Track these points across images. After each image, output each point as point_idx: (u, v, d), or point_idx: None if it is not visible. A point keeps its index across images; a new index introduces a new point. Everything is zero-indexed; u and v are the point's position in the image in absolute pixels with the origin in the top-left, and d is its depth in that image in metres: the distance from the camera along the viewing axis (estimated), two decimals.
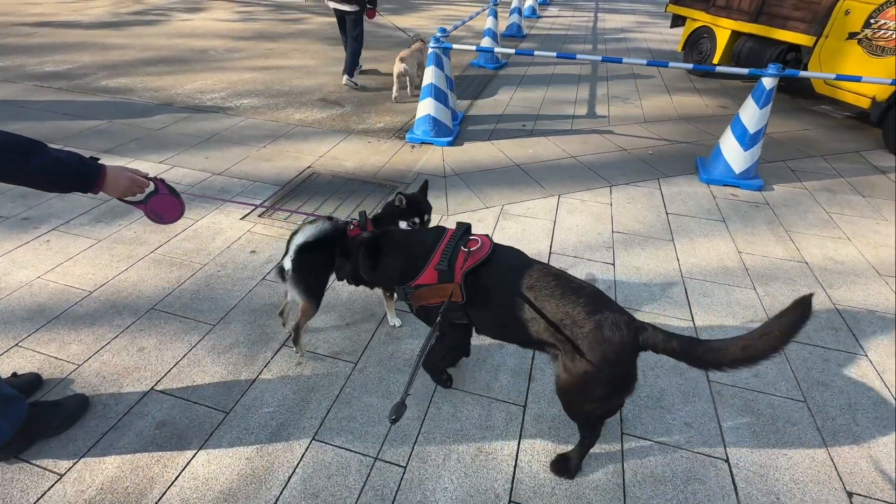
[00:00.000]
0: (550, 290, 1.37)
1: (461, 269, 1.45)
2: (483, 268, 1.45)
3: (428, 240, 1.57)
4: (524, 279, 1.41)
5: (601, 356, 1.28)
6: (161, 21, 8.90)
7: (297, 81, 5.78)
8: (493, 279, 1.46)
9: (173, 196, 1.50)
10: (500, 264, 1.47)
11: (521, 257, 1.53)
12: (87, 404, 1.78)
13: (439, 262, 1.48)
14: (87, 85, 5.29)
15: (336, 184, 3.46)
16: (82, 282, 2.40)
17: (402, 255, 1.59)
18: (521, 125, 4.72)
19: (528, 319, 1.40)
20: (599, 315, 1.30)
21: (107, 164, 1.32)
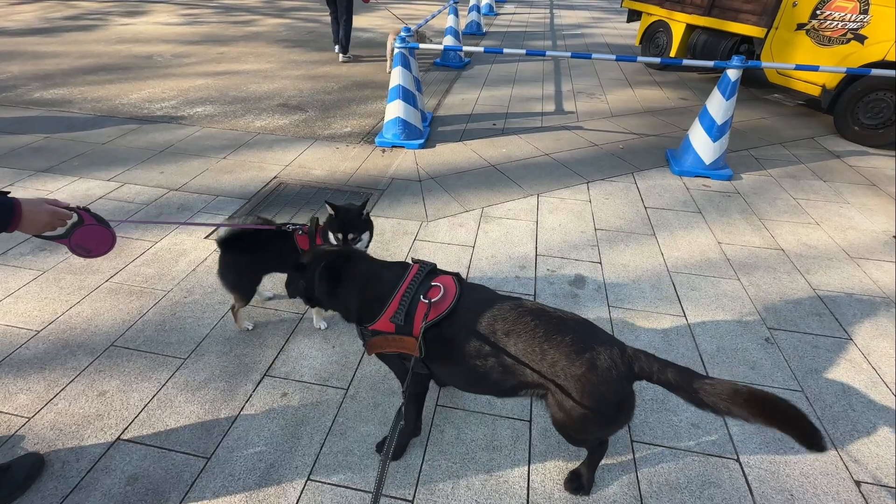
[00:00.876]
0: (530, 332, 1.23)
1: (421, 322, 1.28)
2: (447, 319, 1.28)
3: (387, 279, 1.39)
4: (498, 324, 1.26)
5: (599, 398, 1.19)
6: (98, 26, 8.30)
7: (253, 86, 5.50)
8: (460, 330, 1.28)
9: (101, 225, 1.29)
10: (469, 312, 1.30)
11: (491, 299, 1.35)
12: (42, 464, 1.56)
13: (395, 314, 1.31)
14: (19, 97, 4.83)
15: (306, 194, 3.28)
16: (27, 320, 2.14)
17: (358, 290, 1.41)
18: (491, 124, 4.66)
19: (507, 369, 1.26)
20: (590, 353, 1.19)
21: (19, 196, 1.12)
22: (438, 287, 1.33)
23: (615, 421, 1.28)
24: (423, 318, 1.27)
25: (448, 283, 1.35)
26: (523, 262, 2.66)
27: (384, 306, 1.33)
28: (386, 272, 1.43)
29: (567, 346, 1.19)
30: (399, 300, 1.32)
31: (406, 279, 1.36)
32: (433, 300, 1.29)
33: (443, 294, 1.31)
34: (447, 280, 1.36)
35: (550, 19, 11.42)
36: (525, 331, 1.23)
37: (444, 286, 1.33)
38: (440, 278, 1.38)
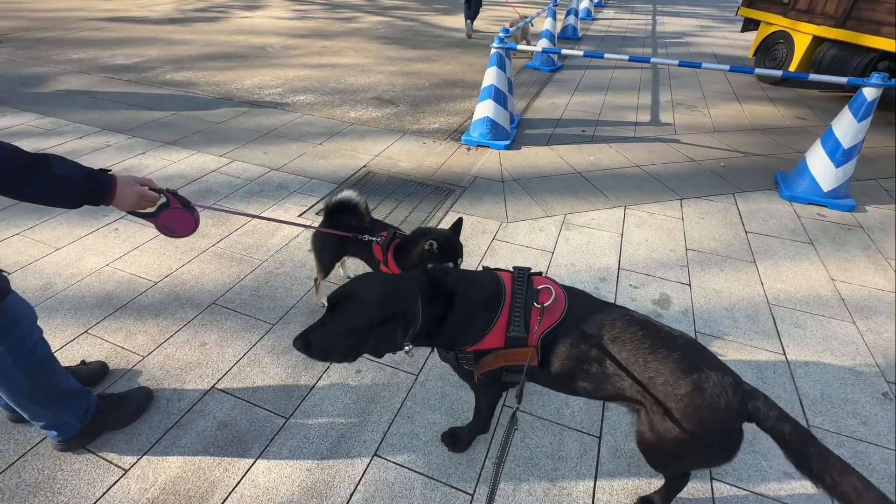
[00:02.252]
0: (637, 342, 1.15)
1: (537, 332, 1.20)
2: (561, 325, 1.21)
3: (487, 288, 1.27)
4: (606, 330, 1.19)
5: (700, 423, 1.08)
6: (222, 18, 9.20)
7: (351, 79, 5.80)
8: (570, 335, 1.22)
9: (186, 210, 1.37)
10: (578, 317, 1.23)
11: (598, 305, 1.28)
12: (151, 398, 1.77)
13: (510, 326, 1.21)
14: (154, 78, 5.49)
15: (392, 184, 3.40)
16: (148, 272, 2.43)
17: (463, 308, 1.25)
18: (580, 130, 4.53)
19: (607, 377, 1.19)
20: (697, 374, 1.09)
21: (118, 175, 1.24)
22: (548, 290, 1.24)
23: (712, 455, 1.17)
24: (538, 326, 1.20)
25: (555, 288, 1.27)
26: (604, 275, 2.56)
27: (491, 320, 1.23)
28: (482, 278, 1.31)
29: (673, 363, 1.11)
30: (509, 309, 1.23)
31: (506, 284, 1.27)
32: (545, 304, 1.21)
33: (554, 298, 1.23)
34: (552, 285, 1.28)
35: (652, 26, 10.85)
36: (631, 340, 1.16)
37: (553, 290, 1.25)
38: (540, 281, 1.30)
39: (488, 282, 1.30)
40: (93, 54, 6.24)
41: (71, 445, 1.57)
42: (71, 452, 1.58)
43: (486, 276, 1.33)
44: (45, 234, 2.65)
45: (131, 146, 3.77)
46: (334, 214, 1.97)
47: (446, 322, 1.23)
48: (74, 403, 1.53)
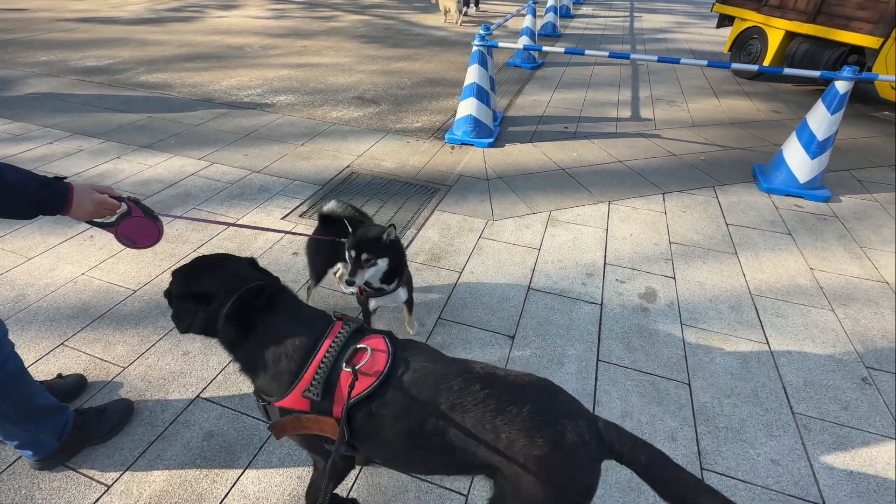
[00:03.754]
0: (481, 404, 0.99)
1: (344, 400, 1.01)
2: (378, 392, 1.03)
3: (303, 339, 1.08)
4: (442, 396, 1.02)
5: (561, 484, 0.98)
6: (197, 18, 9.00)
7: (332, 79, 5.73)
8: (393, 405, 1.03)
9: (149, 219, 1.28)
10: (405, 381, 1.04)
11: (431, 363, 1.09)
12: (132, 410, 1.71)
13: (308, 387, 1.03)
14: (127, 80, 5.34)
15: (377, 184, 3.37)
16: (126, 280, 2.35)
17: (268, 350, 1.07)
18: (563, 127, 4.56)
19: (453, 450, 1.01)
20: (552, 427, 0.96)
21: (75, 183, 1.16)
22: (365, 350, 1.07)
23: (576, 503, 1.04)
24: (347, 393, 1.01)
25: (378, 344, 1.09)
26: (591, 270, 2.58)
27: (297, 376, 1.04)
28: (305, 328, 1.11)
29: (526, 421, 0.97)
30: (315, 369, 1.04)
31: (326, 340, 1.08)
32: (358, 367, 1.04)
33: (371, 359, 1.05)
34: (377, 341, 1.10)
35: (630, 23, 10.99)
36: (474, 403, 1.00)
37: (373, 350, 1.07)
38: (368, 339, 1.11)
39: (311, 325, 1.12)
40: (62, 56, 6.05)
41: (48, 464, 1.51)
42: (49, 471, 1.52)
43: (313, 318, 1.14)
44: (16, 244, 2.56)
45: (105, 150, 3.66)
46: (329, 221, 1.93)
47: (241, 349, 1.10)
48: (49, 420, 1.47)
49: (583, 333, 2.16)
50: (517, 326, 2.18)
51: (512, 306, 2.30)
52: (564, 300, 2.36)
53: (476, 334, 2.13)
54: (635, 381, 1.94)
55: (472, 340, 2.10)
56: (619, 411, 1.81)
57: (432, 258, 2.62)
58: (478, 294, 2.37)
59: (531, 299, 2.35)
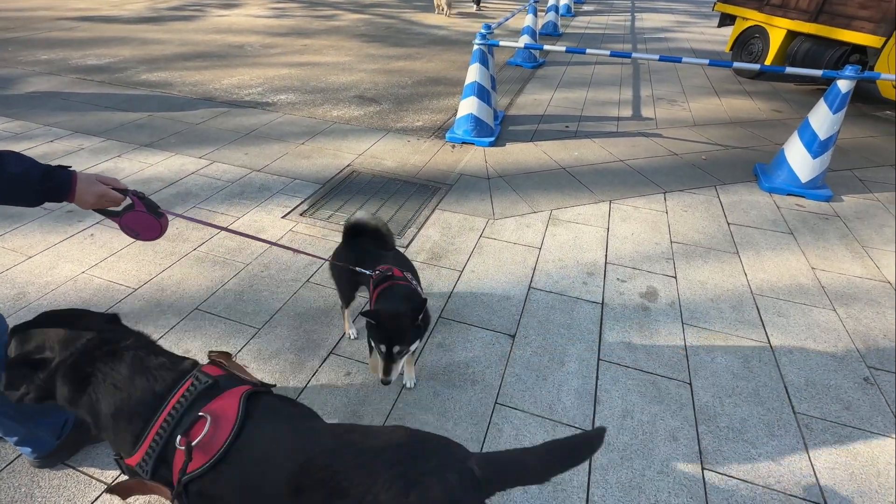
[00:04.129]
0: (330, 483, 0.89)
1: (177, 474, 0.93)
2: (215, 469, 0.93)
3: (146, 398, 1.01)
4: (285, 474, 0.91)
5: None
6: (198, 17, 9.00)
7: (332, 78, 5.72)
8: (229, 485, 0.93)
9: (151, 214, 1.29)
10: (244, 459, 0.94)
11: (284, 434, 0.99)
12: None
13: (140, 463, 0.97)
14: (128, 78, 5.33)
15: (377, 183, 3.36)
16: (126, 278, 2.35)
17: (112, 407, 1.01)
18: (564, 126, 4.55)
19: None
20: (417, 491, 0.86)
21: (80, 172, 1.18)
22: (204, 420, 0.96)
23: None
24: (180, 470, 0.93)
25: (226, 409, 0.98)
26: (591, 269, 2.57)
27: (139, 439, 0.98)
28: (152, 383, 1.02)
29: (385, 490, 0.87)
30: (148, 444, 0.97)
31: (169, 403, 0.99)
32: (194, 443, 0.94)
33: (210, 431, 0.95)
34: (226, 405, 0.99)
35: (631, 22, 10.97)
36: (321, 481, 0.90)
37: (216, 416, 0.96)
38: (219, 401, 0.99)
39: (157, 383, 1.03)
40: (63, 55, 6.04)
41: (48, 462, 1.51)
42: (49, 469, 1.52)
43: (162, 373, 1.05)
44: (16, 242, 2.55)
45: (106, 149, 3.66)
46: (353, 235, 1.80)
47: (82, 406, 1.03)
48: (50, 419, 1.46)
49: (584, 333, 2.16)
50: (518, 325, 2.18)
51: (513, 305, 2.30)
52: (565, 299, 2.35)
53: (477, 333, 2.13)
54: (636, 380, 1.93)
55: (473, 339, 2.09)
56: (620, 410, 1.80)
57: (433, 257, 2.62)
58: (478, 293, 2.37)
59: (532, 298, 2.35)
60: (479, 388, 1.87)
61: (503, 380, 1.91)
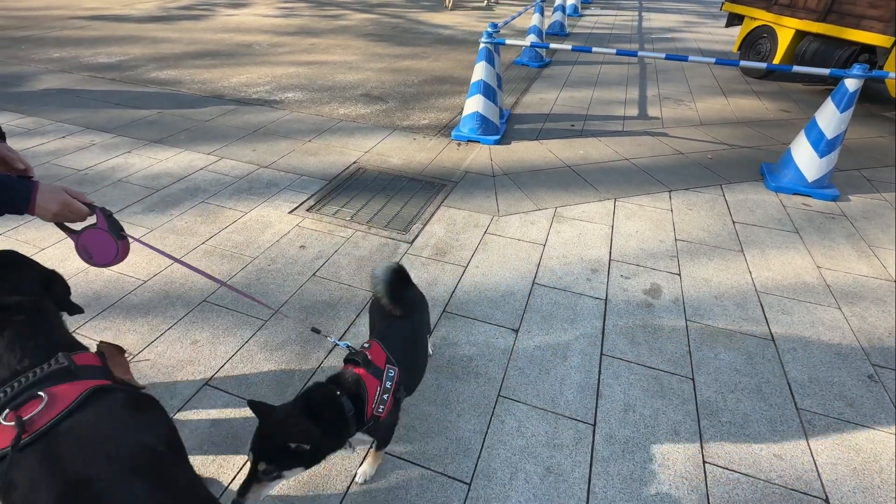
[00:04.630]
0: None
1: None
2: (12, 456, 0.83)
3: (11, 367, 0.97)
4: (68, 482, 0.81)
5: None
6: (207, 16, 9.08)
7: (339, 76, 5.76)
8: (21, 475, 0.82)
9: (111, 235, 1.21)
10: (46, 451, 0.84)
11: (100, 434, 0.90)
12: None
13: None
14: (138, 76, 5.40)
15: (383, 180, 3.39)
16: (136, 270, 2.39)
17: None
18: (569, 125, 4.55)
19: None
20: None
21: (42, 183, 1.11)
22: (40, 399, 0.89)
23: None
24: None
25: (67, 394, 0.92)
26: (595, 266, 2.58)
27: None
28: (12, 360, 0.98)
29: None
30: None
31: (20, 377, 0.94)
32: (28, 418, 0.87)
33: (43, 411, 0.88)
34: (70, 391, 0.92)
35: (638, 22, 10.94)
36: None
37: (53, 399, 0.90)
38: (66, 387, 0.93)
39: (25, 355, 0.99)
40: (74, 53, 6.12)
41: None
42: None
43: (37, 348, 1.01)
44: (29, 235, 2.60)
45: (117, 145, 3.71)
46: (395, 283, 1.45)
47: None
48: None
49: (587, 328, 2.17)
50: (521, 320, 2.19)
51: (516, 301, 2.31)
52: (569, 295, 2.36)
53: (480, 327, 2.15)
54: (639, 375, 1.94)
55: (477, 333, 2.11)
56: (623, 405, 1.81)
57: (437, 253, 2.64)
58: (483, 288, 2.39)
59: (536, 294, 2.36)
60: (482, 380, 1.89)
61: (506, 373, 1.93)
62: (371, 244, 2.68)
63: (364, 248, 2.64)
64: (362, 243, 2.68)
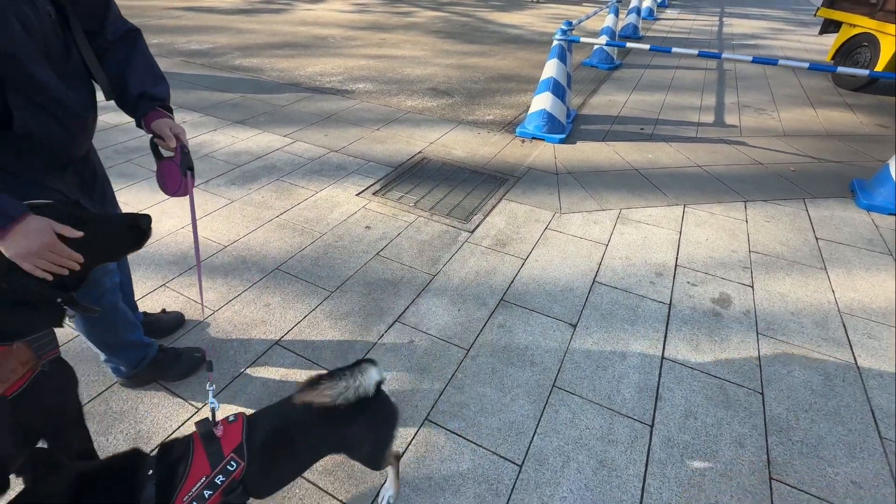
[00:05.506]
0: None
1: None
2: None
3: None
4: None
5: None
6: (287, 10, 9.58)
7: (408, 70, 5.90)
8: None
9: (180, 169, 1.30)
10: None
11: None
12: (202, 362, 1.83)
13: None
14: (224, 63, 5.80)
15: (447, 171, 3.45)
16: (219, 236, 2.59)
17: None
18: (639, 128, 4.42)
19: None
20: None
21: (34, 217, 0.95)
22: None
23: None
24: None
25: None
26: (660, 270, 2.50)
27: None
28: None
29: None
30: None
31: None
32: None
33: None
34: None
35: (719, 27, 10.38)
36: None
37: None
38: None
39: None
40: (170, 39, 6.67)
41: (124, 384, 1.72)
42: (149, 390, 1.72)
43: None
44: (128, 197, 2.88)
45: (204, 123, 4.02)
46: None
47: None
48: (130, 353, 1.64)
49: (648, 330, 2.11)
50: (580, 316, 2.17)
51: (575, 296, 2.29)
52: (631, 296, 2.31)
53: (537, 318, 2.15)
54: (702, 382, 1.87)
55: (534, 324, 2.11)
56: (683, 410, 1.75)
57: (497, 243, 2.66)
58: (541, 281, 2.38)
59: (596, 292, 2.32)
60: (537, 369, 1.89)
61: (562, 365, 1.92)
62: (433, 230, 2.74)
63: (426, 233, 2.71)
64: (424, 228, 2.75)
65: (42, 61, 1.07)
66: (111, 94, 1.27)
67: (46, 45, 1.08)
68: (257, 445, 1.07)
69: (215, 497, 1.00)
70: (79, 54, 1.18)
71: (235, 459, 1.04)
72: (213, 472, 1.01)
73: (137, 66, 1.28)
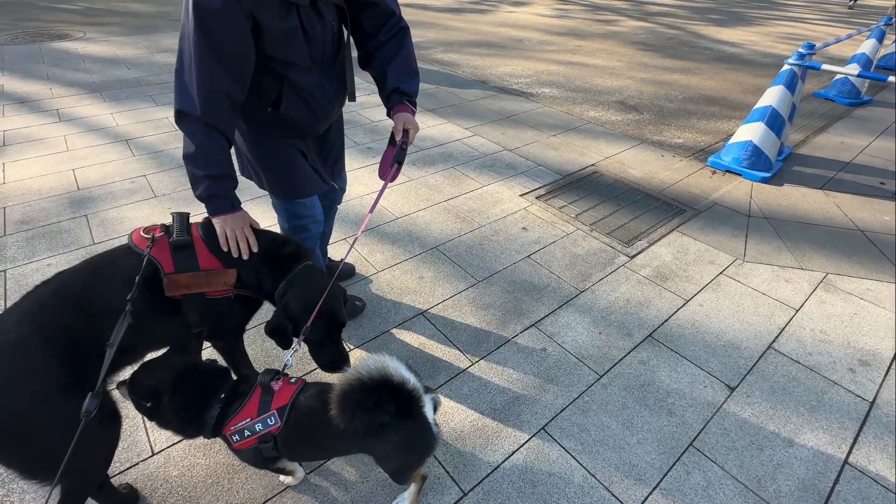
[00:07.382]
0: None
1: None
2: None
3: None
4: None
5: None
6: (491, 11, 10.09)
7: (598, 80, 5.72)
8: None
9: (393, 159, 1.47)
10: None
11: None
12: (363, 309, 2.11)
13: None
14: (428, 56, 6.40)
15: (617, 188, 3.28)
16: (394, 208, 2.92)
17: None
18: (878, 182, 3.56)
19: None
20: None
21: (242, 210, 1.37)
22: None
23: None
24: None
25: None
26: (868, 358, 2.02)
27: None
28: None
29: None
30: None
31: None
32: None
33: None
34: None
35: None
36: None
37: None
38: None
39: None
40: None
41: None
42: None
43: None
44: None
45: None
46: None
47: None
48: None
49: (833, 424, 1.73)
50: (742, 381, 1.89)
51: (742, 357, 1.99)
52: (817, 378, 1.92)
53: (687, 367, 1.93)
54: None
55: (682, 373, 1.91)
56: None
57: (658, 276, 2.45)
58: (702, 329, 2.13)
59: (770, 359, 1.99)
60: (675, 420, 1.72)
61: (706, 426, 1.70)
62: (589, 246, 2.66)
63: (581, 248, 2.64)
64: (581, 242, 2.68)
65: (311, 65, 1.40)
66: (354, 97, 1.57)
67: (321, 51, 1.41)
68: (295, 417, 1.15)
69: (252, 439, 1.14)
70: (342, 60, 1.50)
71: (275, 417, 1.14)
72: (256, 418, 1.14)
73: (398, 65, 1.52)
